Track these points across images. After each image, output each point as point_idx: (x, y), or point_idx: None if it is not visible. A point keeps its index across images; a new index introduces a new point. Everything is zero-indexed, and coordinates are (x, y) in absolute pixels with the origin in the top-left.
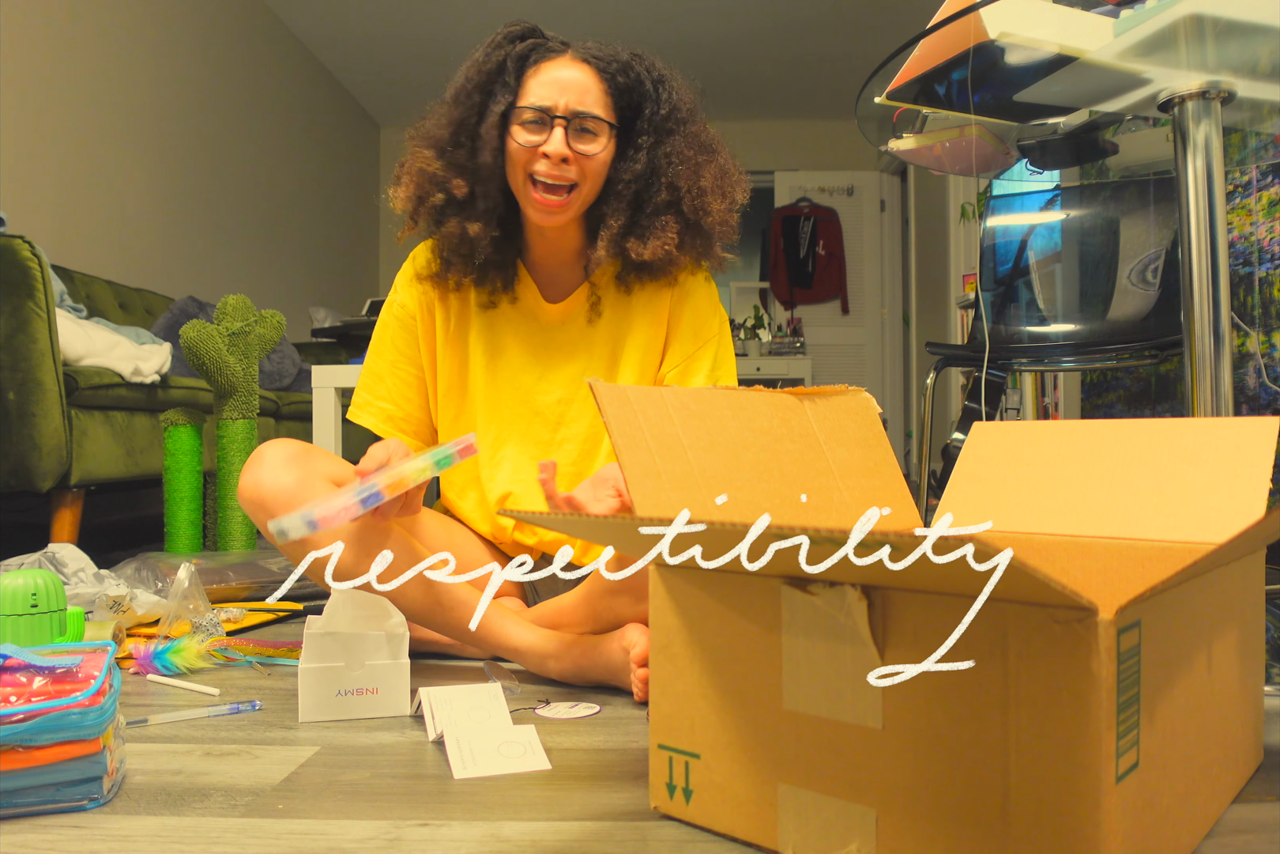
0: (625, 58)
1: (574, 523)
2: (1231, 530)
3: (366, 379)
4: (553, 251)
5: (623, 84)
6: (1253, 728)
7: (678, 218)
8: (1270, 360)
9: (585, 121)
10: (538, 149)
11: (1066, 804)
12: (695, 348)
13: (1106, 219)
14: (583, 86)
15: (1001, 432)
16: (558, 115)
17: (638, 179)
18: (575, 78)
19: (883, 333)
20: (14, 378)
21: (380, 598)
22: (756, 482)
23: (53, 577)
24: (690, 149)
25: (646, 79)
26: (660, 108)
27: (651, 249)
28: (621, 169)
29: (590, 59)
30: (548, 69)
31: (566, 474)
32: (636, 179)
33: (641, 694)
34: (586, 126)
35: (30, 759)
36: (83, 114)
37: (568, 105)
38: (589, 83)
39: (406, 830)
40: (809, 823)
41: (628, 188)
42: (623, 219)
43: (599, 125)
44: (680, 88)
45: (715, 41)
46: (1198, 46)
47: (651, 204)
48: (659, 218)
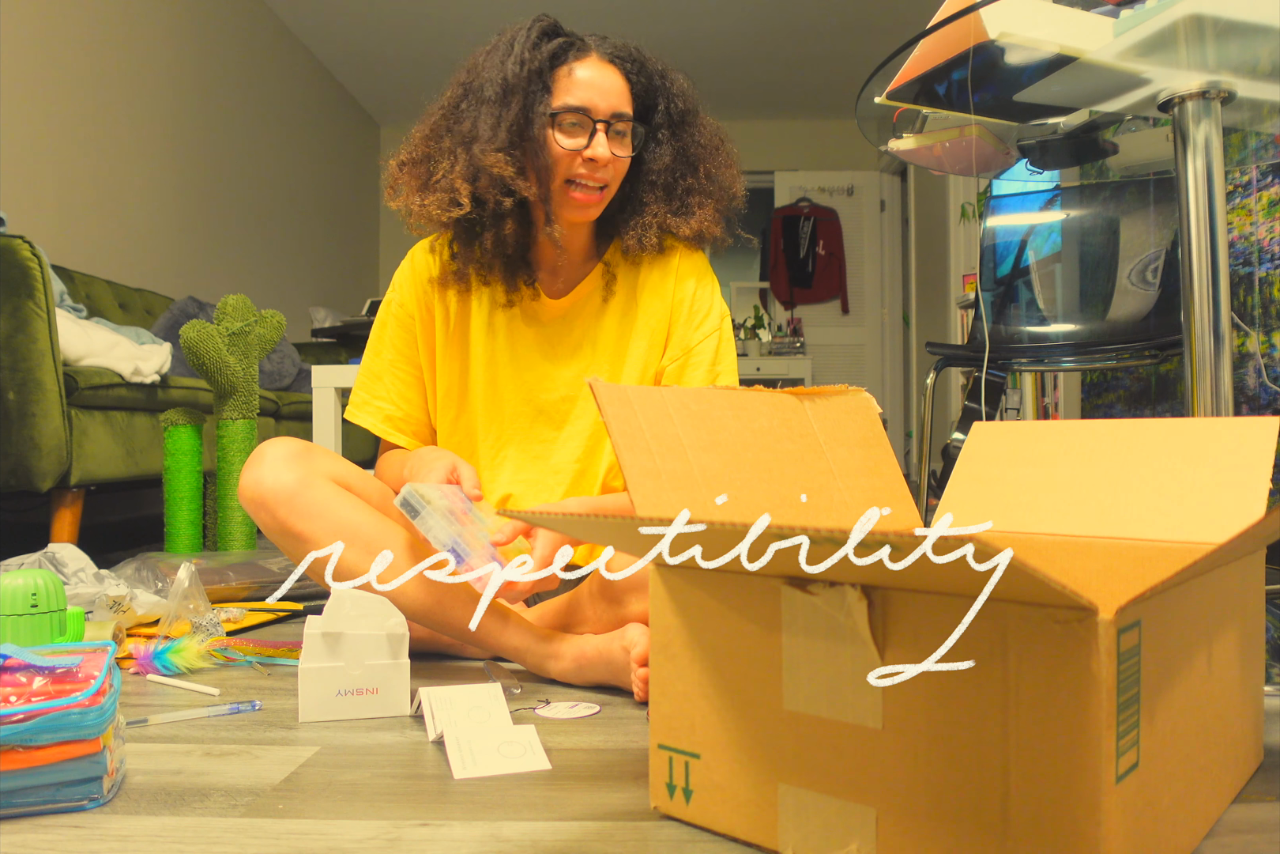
0: (637, 56)
1: (574, 523)
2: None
3: (364, 378)
4: (559, 252)
5: (642, 83)
6: (1253, 728)
7: (709, 197)
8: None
9: (621, 124)
10: (580, 153)
11: (1066, 804)
12: (696, 342)
13: (1106, 219)
14: (617, 89)
15: (1001, 431)
16: (599, 119)
17: (668, 169)
18: (609, 79)
19: (883, 333)
20: (14, 378)
21: (380, 598)
22: (756, 482)
23: (53, 577)
24: (713, 137)
25: (655, 75)
26: (674, 101)
27: (693, 227)
28: (650, 161)
29: (615, 59)
30: (580, 68)
31: (570, 471)
32: (667, 169)
33: (642, 694)
34: (620, 129)
35: (30, 759)
36: (83, 114)
37: (609, 107)
38: (620, 84)
39: (406, 830)
40: (809, 823)
41: (660, 177)
42: (664, 205)
43: (629, 127)
44: (680, 79)
45: (715, 41)
46: (1198, 46)
47: (683, 187)
48: (691, 198)
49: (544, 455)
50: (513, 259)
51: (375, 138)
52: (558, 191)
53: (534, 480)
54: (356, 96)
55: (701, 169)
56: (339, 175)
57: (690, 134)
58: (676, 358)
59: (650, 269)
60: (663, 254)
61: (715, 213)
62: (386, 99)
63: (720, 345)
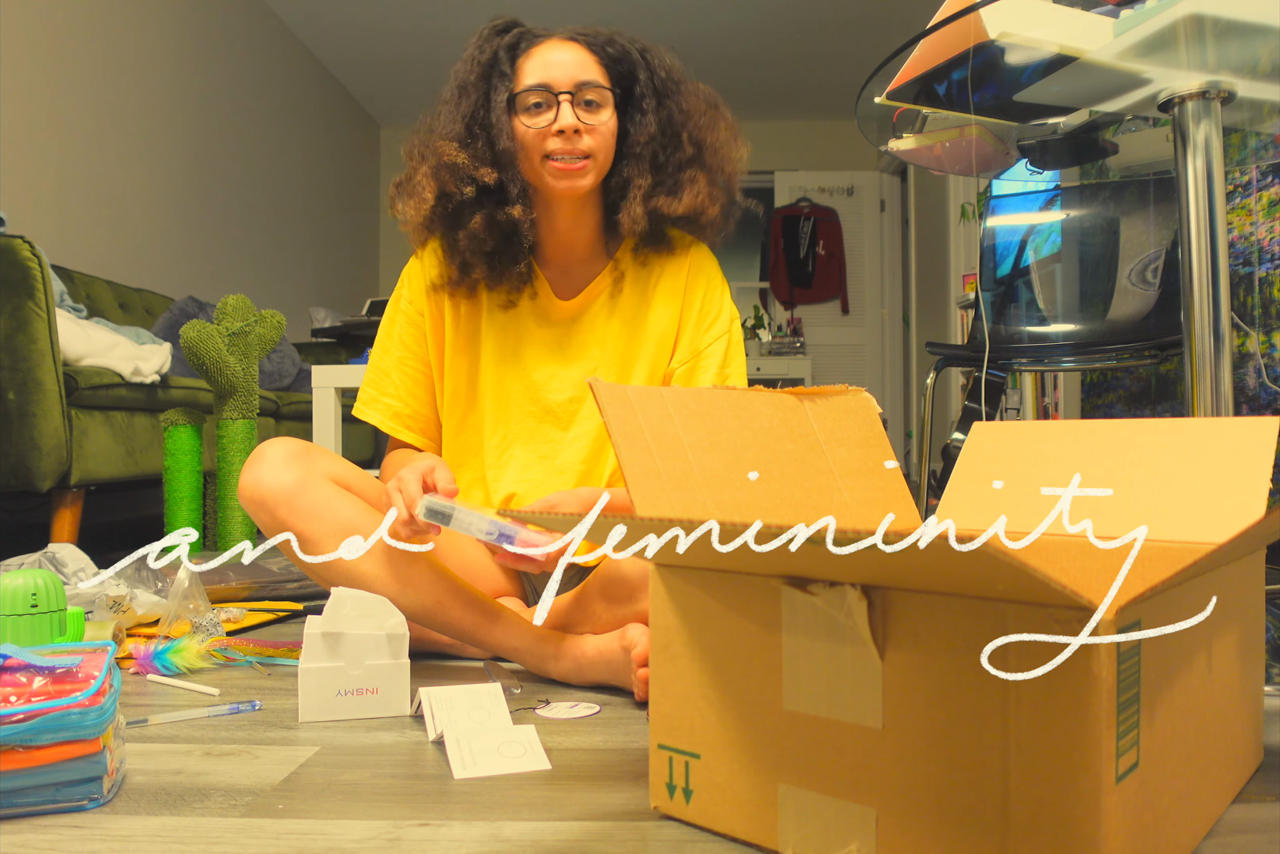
0: (608, 32)
1: (574, 523)
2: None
3: (372, 375)
4: (565, 245)
5: (613, 54)
6: (1253, 728)
7: (702, 169)
8: (1270, 360)
9: (588, 92)
10: (549, 128)
11: (1066, 804)
12: (705, 345)
13: (1106, 219)
14: (579, 61)
15: (1001, 431)
16: (561, 91)
17: (653, 140)
18: (568, 55)
19: (883, 333)
20: (14, 378)
21: (380, 598)
22: (756, 482)
23: (53, 577)
24: (702, 103)
25: (633, 49)
26: (656, 72)
27: (685, 203)
28: (635, 133)
29: (577, 37)
30: (538, 53)
31: (577, 472)
32: (652, 140)
33: (642, 694)
34: (590, 98)
35: (30, 759)
36: (83, 114)
37: (569, 78)
38: (583, 57)
39: (406, 830)
40: (809, 823)
41: (645, 150)
42: (649, 178)
43: (603, 95)
44: (665, 53)
45: (715, 41)
46: (1198, 46)
47: (674, 161)
48: (684, 172)
49: (550, 455)
50: (495, 257)
51: (375, 138)
52: (540, 170)
53: (539, 480)
54: (356, 97)
55: (689, 138)
56: (339, 175)
57: (676, 102)
58: (685, 360)
59: (661, 270)
60: (673, 255)
61: (710, 188)
62: (386, 99)
63: (729, 348)
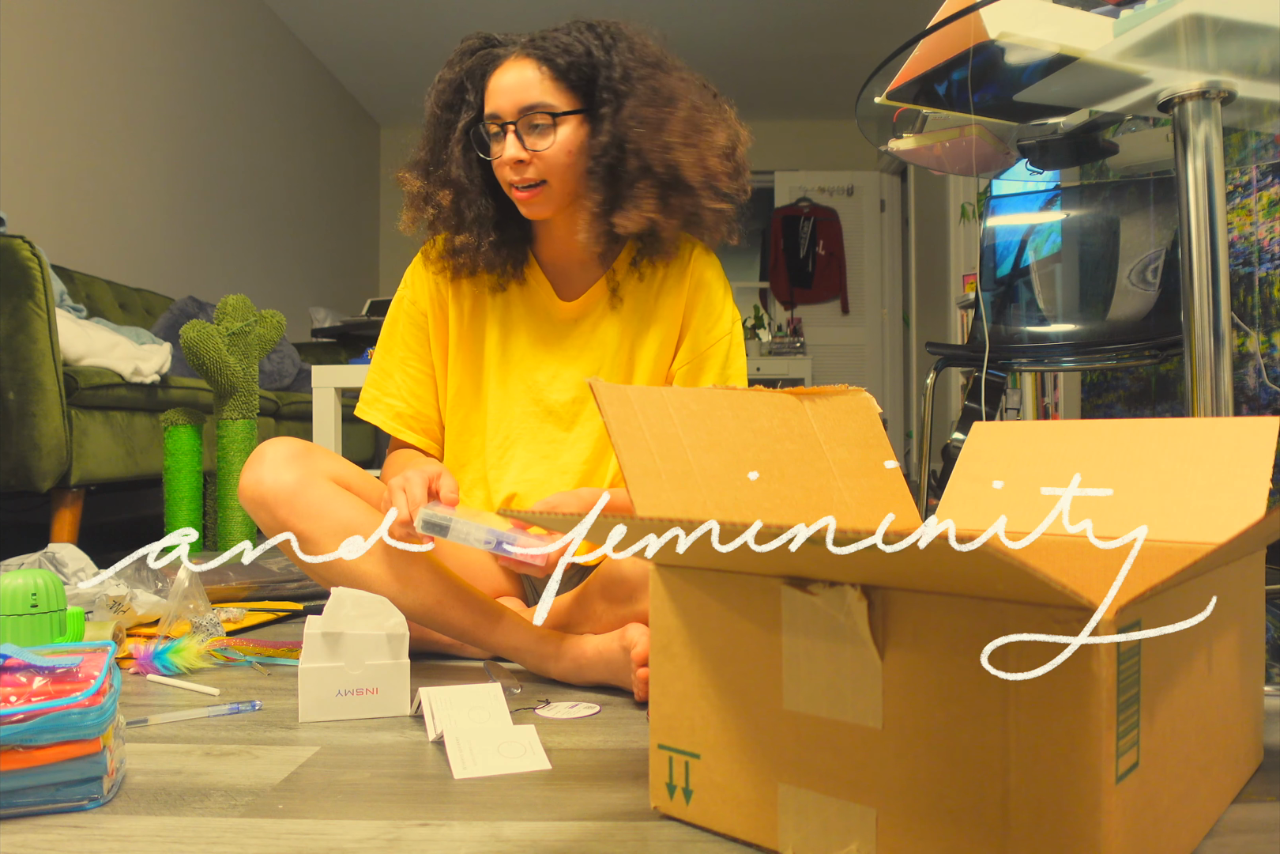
0: (566, 38)
1: (574, 523)
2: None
3: (375, 376)
4: (563, 249)
5: (566, 64)
6: (1253, 728)
7: (653, 181)
8: (1270, 360)
9: (533, 117)
10: (503, 159)
11: (1066, 804)
12: (707, 346)
13: (1106, 219)
14: (523, 83)
15: (1001, 431)
16: (506, 121)
17: (605, 152)
18: (514, 78)
19: (883, 333)
20: (14, 378)
21: (380, 598)
22: (756, 482)
23: (53, 577)
24: (648, 106)
25: (595, 48)
26: (613, 72)
27: (634, 220)
28: (593, 146)
29: (530, 52)
30: (495, 77)
31: (579, 472)
32: (605, 153)
33: (642, 694)
34: (535, 122)
35: (30, 759)
36: (83, 114)
37: (513, 105)
38: (529, 76)
39: (406, 830)
40: (809, 823)
41: (598, 164)
42: (599, 196)
43: (547, 117)
44: (636, 44)
45: (715, 41)
46: (1198, 46)
47: (628, 175)
48: (636, 186)
49: (552, 455)
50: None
51: (375, 138)
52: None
53: (540, 480)
54: (356, 96)
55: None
56: (339, 175)
57: (632, 107)
58: (687, 362)
59: (663, 272)
60: (675, 257)
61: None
62: (386, 99)
63: (731, 349)
